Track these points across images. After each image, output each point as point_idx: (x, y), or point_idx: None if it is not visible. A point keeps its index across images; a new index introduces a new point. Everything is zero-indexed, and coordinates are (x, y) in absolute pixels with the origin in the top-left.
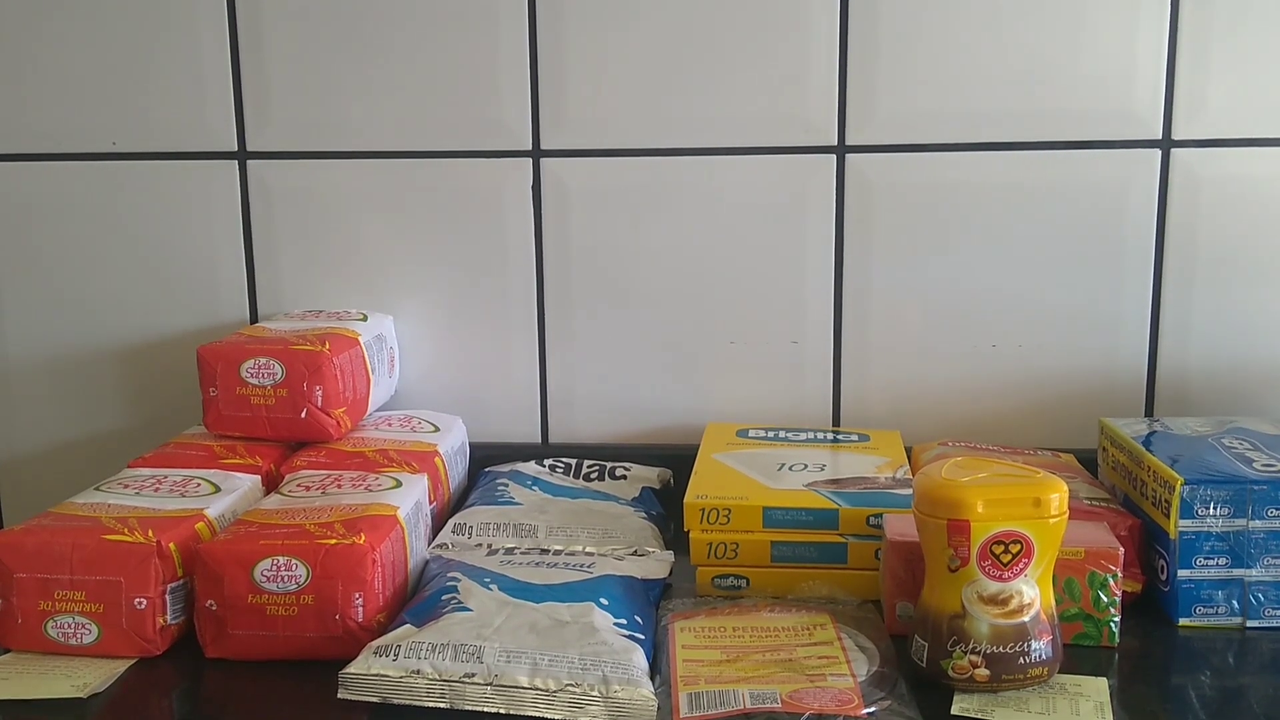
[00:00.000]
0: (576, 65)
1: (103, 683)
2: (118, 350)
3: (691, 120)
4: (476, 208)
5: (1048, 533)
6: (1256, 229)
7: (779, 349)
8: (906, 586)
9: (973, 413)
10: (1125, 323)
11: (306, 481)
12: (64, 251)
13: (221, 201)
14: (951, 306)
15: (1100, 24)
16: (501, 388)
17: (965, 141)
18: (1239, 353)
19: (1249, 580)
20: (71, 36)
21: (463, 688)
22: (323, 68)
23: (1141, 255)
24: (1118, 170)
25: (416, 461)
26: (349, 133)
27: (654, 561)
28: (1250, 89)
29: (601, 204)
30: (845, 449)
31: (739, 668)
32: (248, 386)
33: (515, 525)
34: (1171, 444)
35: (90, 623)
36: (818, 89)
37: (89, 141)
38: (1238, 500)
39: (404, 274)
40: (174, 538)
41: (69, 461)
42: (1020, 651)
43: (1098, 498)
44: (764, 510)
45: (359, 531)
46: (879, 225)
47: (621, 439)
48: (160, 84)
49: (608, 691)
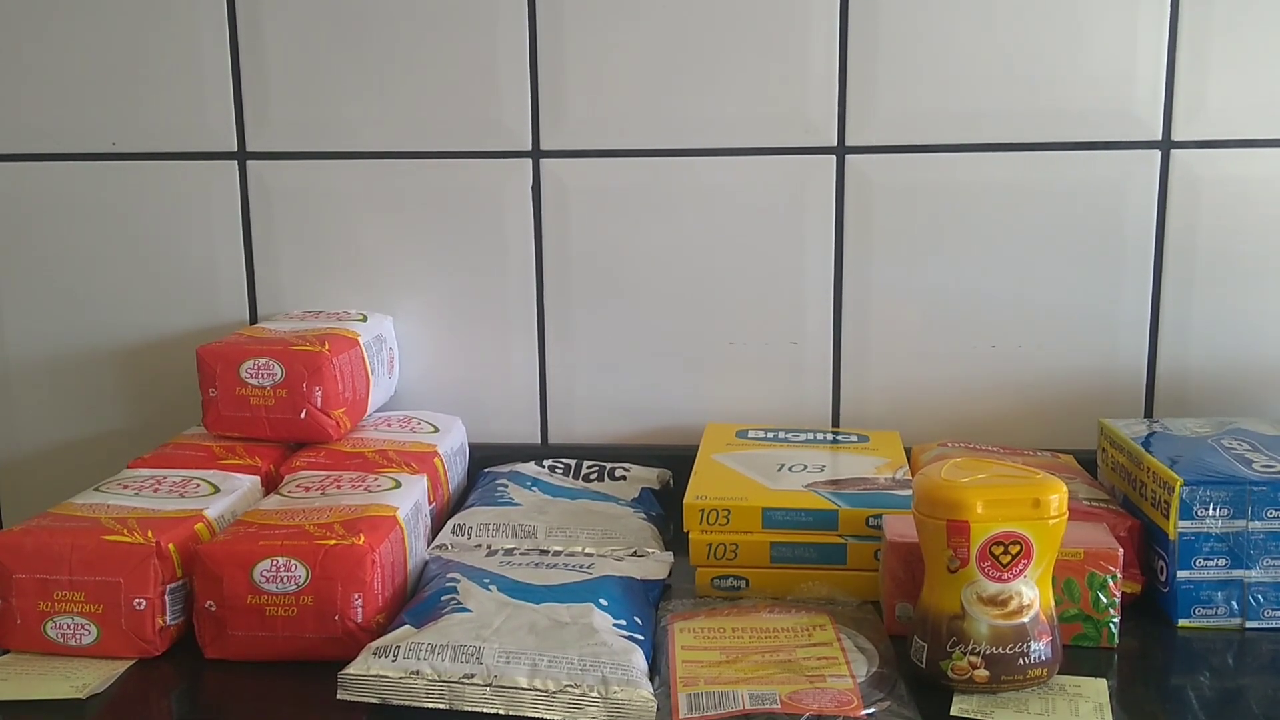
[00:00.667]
0: (576, 66)
1: (102, 683)
2: (117, 350)
3: (691, 121)
4: (476, 208)
5: (1047, 534)
6: (1256, 229)
7: (778, 349)
8: (906, 587)
9: (972, 413)
10: (1125, 323)
11: (306, 482)
12: (63, 252)
13: (221, 202)
14: (951, 307)
15: (1100, 25)
16: (501, 388)
17: (965, 142)
18: (1238, 353)
19: (1248, 581)
20: (71, 37)
21: (462, 689)
22: (322, 68)
23: (1141, 256)
24: (1117, 171)
25: (416, 462)
26: (348, 133)
27: (653, 562)
28: (1250, 89)
29: (601, 204)
30: (845, 450)
31: (738, 669)
32: (247, 387)
33: (515, 526)
34: (1171, 445)
35: (89, 623)
36: (817, 89)
37: (88, 142)
38: (1237, 501)
39: (403, 274)
40: (173, 538)
41: (68, 462)
42: (1020, 652)
43: (1097, 499)
44: (763, 511)
45: (358, 532)
46: (878, 226)
47: (621, 439)
48: (160, 84)
49: (607, 692)
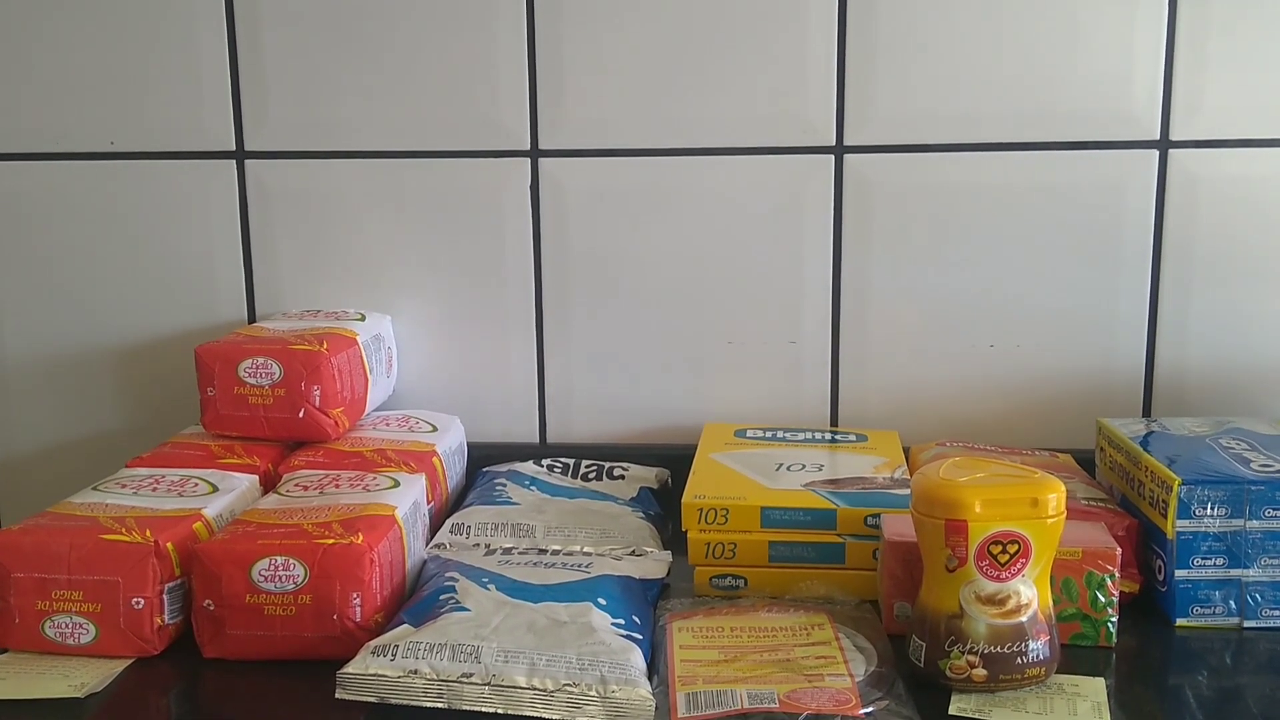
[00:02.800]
0: (574, 65)
1: (100, 682)
2: (115, 350)
3: (689, 120)
4: (475, 208)
5: (1045, 533)
6: (1254, 229)
7: (777, 349)
8: (904, 586)
9: (970, 413)
10: (1123, 323)
11: (304, 481)
12: (61, 251)
13: (219, 201)
14: (949, 306)
15: (1098, 25)
16: (499, 388)
17: (964, 142)
18: (1236, 353)
19: (1246, 580)
20: (69, 36)
21: (460, 688)
22: (321, 68)
23: (1139, 255)
24: (1115, 171)
25: (414, 461)
26: (347, 133)
27: (652, 561)
28: (1248, 90)
29: (599, 204)
30: (843, 449)
31: (737, 668)
32: (246, 386)
33: (513, 525)
34: (1169, 444)
35: (88, 622)
36: (816, 89)
37: (87, 141)
38: (1235, 500)
39: (402, 274)
40: (171, 537)
41: (66, 461)
42: (1018, 651)
43: (1095, 498)
44: (762, 510)
45: (357, 531)
46: (877, 225)
47: (619, 439)
48: (158, 83)
49: (605, 691)
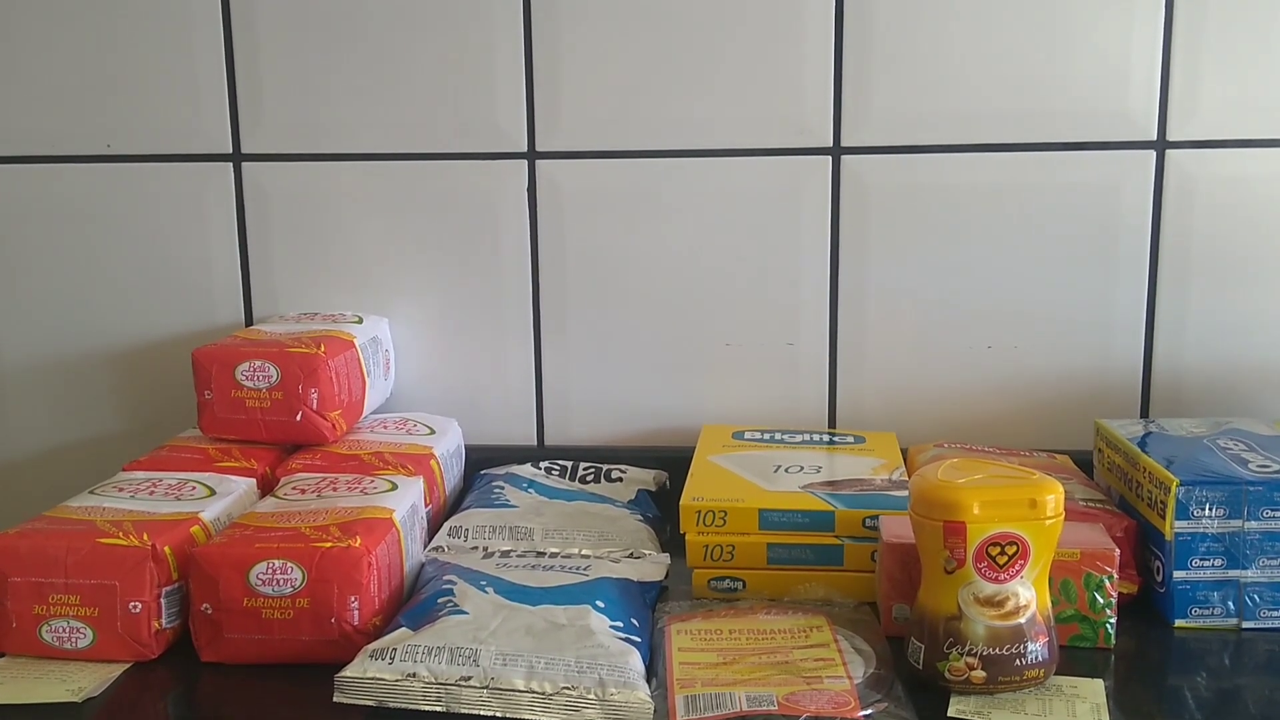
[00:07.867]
0: (571, 67)
1: (97, 687)
2: (112, 353)
3: (686, 122)
4: (472, 210)
5: (1044, 534)
6: (1251, 230)
7: (774, 351)
8: (903, 588)
9: (968, 414)
10: (1120, 324)
11: (302, 484)
12: (58, 254)
13: (216, 204)
14: (947, 308)
15: (1094, 25)
16: (497, 390)
17: (960, 143)
18: (1234, 354)
19: (1244, 581)
20: (66, 39)
21: (459, 691)
22: (317, 70)
23: (1136, 256)
24: (1112, 171)
25: (412, 464)
26: (344, 135)
27: (650, 564)
28: (1244, 90)
29: (597, 206)
30: (841, 451)
31: (735, 670)
32: (243, 389)
33: (511, 528)
34: (1167, 445)
35: (85, 627)
36: (812, 90)
37: (84, 144)
38: (1233, 501)
39: (399, 276)
40: (169, 541)
41: (63, 465)
42: (1016, 653)
43: (1093, 499)
44: (760, 512)
45: (354, 534)
46: (874, 227)
47: (617, 441)
48: (155, 86)
49: (604, 694)
